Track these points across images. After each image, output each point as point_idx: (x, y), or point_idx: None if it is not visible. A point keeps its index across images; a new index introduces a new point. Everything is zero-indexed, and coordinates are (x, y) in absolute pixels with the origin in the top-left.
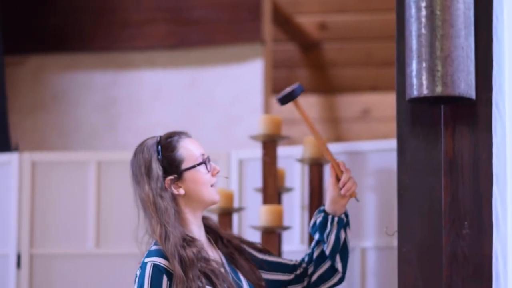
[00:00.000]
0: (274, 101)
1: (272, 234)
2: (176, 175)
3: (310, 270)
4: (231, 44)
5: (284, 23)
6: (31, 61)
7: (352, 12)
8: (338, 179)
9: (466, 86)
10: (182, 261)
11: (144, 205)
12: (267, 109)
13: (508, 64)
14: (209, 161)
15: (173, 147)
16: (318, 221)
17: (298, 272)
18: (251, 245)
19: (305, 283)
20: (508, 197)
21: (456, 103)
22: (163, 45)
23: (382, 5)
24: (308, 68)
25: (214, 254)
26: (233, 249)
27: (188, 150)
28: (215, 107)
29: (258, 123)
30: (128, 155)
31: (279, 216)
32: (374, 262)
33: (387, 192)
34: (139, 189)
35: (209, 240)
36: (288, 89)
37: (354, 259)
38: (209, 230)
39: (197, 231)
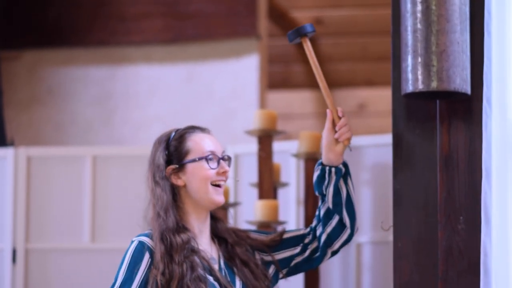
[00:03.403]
0: (270, 96)
1: (268, 229)
2: (177, 166)
3: (318, 232)
4: (227, 38)
5: (280, 18)
6: (27, 55)
7: (347, 7)
8: (334, 126)
9: (461, 81)
10: (170, 245)
11: (147, 190)
12: (262, 104)
13: (496, 58)
14: (220, 160)
15: (182, 139)
16: (316, 174)
17: (306, 241)
18: (261, 242)
19: (307, 253)
20: (495, 192)
21: (451, 98)
22: (159, 39)
23: (377, 0)
24: (303, 63)
25: (211, 250)
26: (237, 258)
27: (197, 143)
28: (211, 101)
29: (253, 118)
30: (124, 149)
31: (275, 211)
32: (369, 257)
33: (382, 187)
34: (147, 175)
35: (212, 238)
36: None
37: (349, 254)
38: (217, 231)
39: (196, 224)
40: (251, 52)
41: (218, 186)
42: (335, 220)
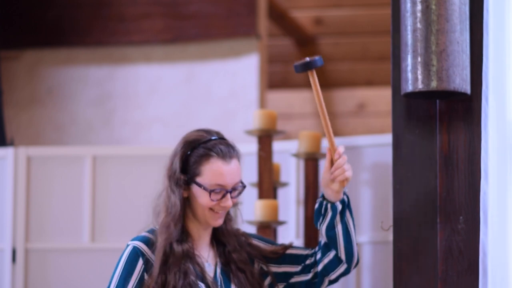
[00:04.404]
0: (269, 96)
1: (268, 229)
2: (186, 179)
3: (317, 257)
4: (227, 38)
5: (280, 18)
6: (27, 55)
7: (347, 7)
8: (332, 164)
9: (461, 81)
10: (170, 254)
11: (162, 192)
12: (262, 104)
13: (495, 58)
14: (226, 193)
15: (203, 159)
16: (315, 207)
17: (307, 262)
18: (260, 252)
19: (310, 275)
20: (494, 192)
21: (451, 97)
22: (159, 39)
23: (377, 0)
24: None
25: (207, 255)
26: (233, 264)
27: (211, 172)
28: (211, 101)
29: (253, 118)
30: (124, 149)
31: (275, 210)
32: (369, 257)
33: (382, 187)
34: (165, 169)
35: (212, 242)
36: (307, 59)
37: None
38: (220, 234)
39: (196, 230)
40: (251, 52)
41: (215, 211)
42: (332, 253)
